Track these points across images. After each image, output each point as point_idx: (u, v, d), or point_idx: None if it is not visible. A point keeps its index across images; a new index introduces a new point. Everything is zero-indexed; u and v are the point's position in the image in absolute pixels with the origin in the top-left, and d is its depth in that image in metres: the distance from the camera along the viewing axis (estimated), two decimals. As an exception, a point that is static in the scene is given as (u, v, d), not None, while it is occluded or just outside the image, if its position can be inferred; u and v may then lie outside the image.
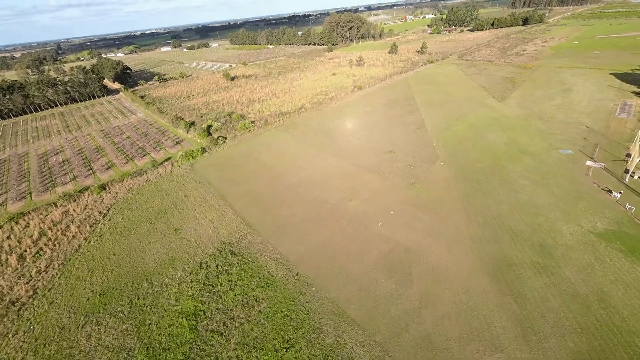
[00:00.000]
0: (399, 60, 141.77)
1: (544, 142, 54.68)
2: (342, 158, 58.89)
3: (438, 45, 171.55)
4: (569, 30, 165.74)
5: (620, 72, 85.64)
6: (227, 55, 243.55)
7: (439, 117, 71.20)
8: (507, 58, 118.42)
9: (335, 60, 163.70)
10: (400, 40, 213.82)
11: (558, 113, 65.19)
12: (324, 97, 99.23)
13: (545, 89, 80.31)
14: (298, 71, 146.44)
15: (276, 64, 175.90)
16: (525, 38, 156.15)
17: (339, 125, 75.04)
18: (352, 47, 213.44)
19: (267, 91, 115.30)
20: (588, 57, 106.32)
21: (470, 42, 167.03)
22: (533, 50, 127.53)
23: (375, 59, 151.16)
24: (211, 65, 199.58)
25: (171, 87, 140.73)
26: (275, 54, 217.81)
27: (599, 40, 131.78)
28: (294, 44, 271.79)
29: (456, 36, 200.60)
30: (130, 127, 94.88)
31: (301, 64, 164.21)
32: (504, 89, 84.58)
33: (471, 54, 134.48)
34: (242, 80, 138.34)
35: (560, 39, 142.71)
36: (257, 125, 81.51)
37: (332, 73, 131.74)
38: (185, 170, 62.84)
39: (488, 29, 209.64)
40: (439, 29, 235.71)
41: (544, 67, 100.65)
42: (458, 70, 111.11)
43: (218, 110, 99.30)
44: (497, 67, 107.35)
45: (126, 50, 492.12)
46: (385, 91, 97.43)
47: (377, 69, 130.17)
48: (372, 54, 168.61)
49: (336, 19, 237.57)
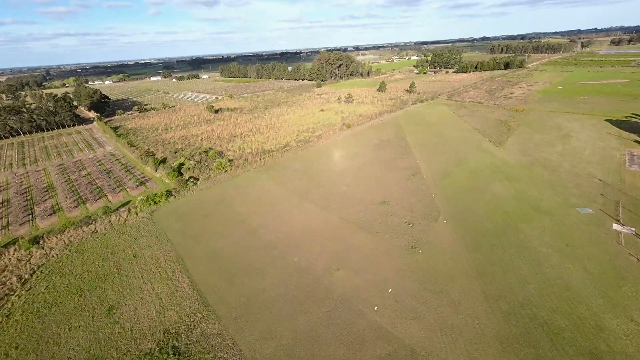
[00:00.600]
0: (388, 99, 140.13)
1: (557, 196, 48.28)
2: (328, 209, 50.61)
3: (426, 85, 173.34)
4: (550, 76, 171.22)
5: (615, 119, 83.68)
6: (215, 87, 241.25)
7: (436, 162, 65.03)
8: (496, 100, 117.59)
9: (324, 96, 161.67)
10: (388, 78, 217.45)
11: (563, 162, 60.04)
12: (310, 134, 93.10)
13: (542, 134, 76.51)
14: (285, 106, 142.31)
15: (264, 97, 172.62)
16: (510, 81, 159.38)
17: (325, 168, 67.69)
18: (341, 83, 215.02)
19: (250, 126, 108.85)
20: (577, 102, 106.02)
21: (457, 83, 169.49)
22: (520, 93, 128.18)
23: (364, 97, 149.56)
24: (197, 97, 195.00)
25: (150, 118, 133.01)
26: (264, 88, 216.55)
27: (582, 86, 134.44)
28: (283, 79, 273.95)
29: (442, 77, 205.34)
30: (94, 162, 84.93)
31: (289, 99, 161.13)
32: (500, 132, 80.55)
33: (460, 95, 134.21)
34: (226, 114, 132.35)
35: (544, 84, 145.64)
36: (236, 164, 73.31)
37: (320, 109, 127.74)
38: (142, 219, 52.89)
39: (472, 72, 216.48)
40: (425, 70, 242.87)
41: (535, 110, 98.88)
42: (448, 110, 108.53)
43: (195, 145, 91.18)
44: (488, 109, 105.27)
45: (115, 78, 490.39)
46: (375, 130, 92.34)
47: (366, 106, 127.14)
48: (360, 91, 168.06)
49: (326, 57, 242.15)
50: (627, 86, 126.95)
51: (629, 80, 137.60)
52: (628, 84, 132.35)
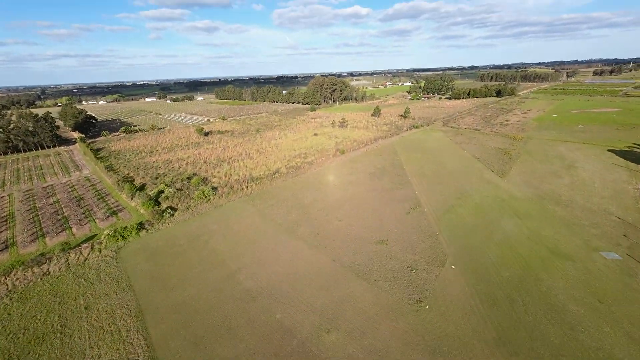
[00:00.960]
0: (382, 124, 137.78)
1: (575, 237, 43.13)
2: (319, 249, 44.49)
3: (420, 110, 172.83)
4: (542, 104, 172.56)
5: (617, 149, 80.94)
6: (208, 109, 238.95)
7: (437, 194, 60.06)
8: (493, 127, 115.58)
9: (318, 120, 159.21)
10: (382, 103, 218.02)
11: (575, 196, 55.57)
12: (302, 160, 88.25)
13: (546, 164, 72.80)
14: (278, 129, 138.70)
15: (257, 120, 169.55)
16: (503, 108, 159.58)
17: (317, 198, 62.12)
18: (335, 107, 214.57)
19: (240, 150, 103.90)
20: (575, 131, 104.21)
21: (451, 110, 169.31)
22: (516, 120, 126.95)
23: (359, 121, 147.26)
24: (189, 118, 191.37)
25: (136, 140, 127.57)
26: (258, 111, 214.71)
27: (576, 115, 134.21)
28: (278, 102, 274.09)
29: (436, 103, 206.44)
30: (67, 187, 78.13)
31: (282, 122, 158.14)
32: (501, 161, 76.73)
33: (455, 121, 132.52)
34: (216, 137, 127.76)
35: (538, 111, 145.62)
36: (220, 193, 67.33)
37: (314, 133, 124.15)
38: (106, 258, 45.98)
39: (465, 98, 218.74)
40: (419, 96, 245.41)
41: (534, 139, 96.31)
42: (445, 137, 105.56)
43: (179, 170, 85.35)
44: (486, 137, 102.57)
45: (109, 98, 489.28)
46: (371, 157, 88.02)
47: (360, 131, 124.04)
48: (355, 115, 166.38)
49: (320, 82, 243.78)
50: (620, 115, 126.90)
51: (621, 110, 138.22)
52: (621, 113, 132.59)
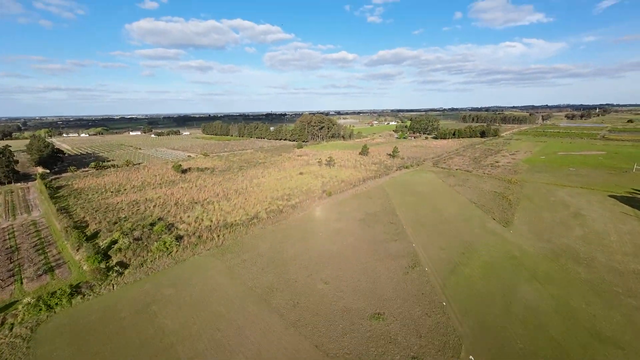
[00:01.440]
0: (371, 163, 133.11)
1: (613, 311, 35.26)
2: (298, 328, 34.73)
3: (408, 149, 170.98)
4: (527, 145, 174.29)
5: (618, 194, 76.85)
6: (192, 144, 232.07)
7: (436, 248, 52.16)
8: (484, 169, 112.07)
9: (304, 157, 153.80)
10: (369, 142, 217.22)
11: (594, 252, 48.74)
12: (285, 203, 79.91)
13: (550, 212, 67.01)
14: (262, 167, 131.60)
15: (241, 157, 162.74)
16: (491, 149, 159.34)
17: (299, 251, 53.02)
18: (323, 145, 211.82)
19: (218, 190, 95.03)
20: (568, 174, 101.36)
21: (439, 149, 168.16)
22: (506, 162, 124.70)
23: (346, 160, 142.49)
24: (170, 154, 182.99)
25: (106, 177, 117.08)
26: (244, 147, 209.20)
27: (563, 157, 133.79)
28: (265, 138, 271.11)
29: (423, 142, 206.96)
30: (5, 233, 66.23)
31: (267, 159, 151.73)
32: (501, 207, 70.64)
33: (445, 162, 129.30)
34: (195, 174, 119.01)
35: (525, 153, 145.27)
36: (185, 243, 57.32)
37: (299, 172, 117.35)
38: (16, 339, 34.68)
39: (450, 138, 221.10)
40: (405, 135, 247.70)
41: (529, 182, 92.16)
42: (437, 179, 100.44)
43: (144, 214, 75.18)
44: (479, 179, 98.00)
45: (92, 131, 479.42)
46: (361, 200, 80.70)
47: (348, 170, 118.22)
48: (342, 153, 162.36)
49: (308, 119, 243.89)
50: (607, 158, 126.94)
51: (606, 153, 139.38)
52: (607, 156, 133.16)
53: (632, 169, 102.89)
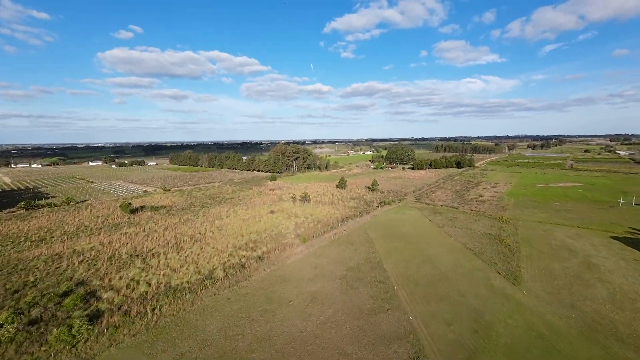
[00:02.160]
0: (349, 198, 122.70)
1: None
2: None
3: (387, 182, 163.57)
4: (504, 176, 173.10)
5: (620, 235, 70.35)
6: (154, 177, 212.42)
7: (442, 323, 40.17)
8: (470, 204, 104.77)
9: (277, 192, 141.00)
10: (346, 173, 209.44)
11: (635, 324, 38.82)
12: (249, 254, 65.83)
13: (558, 261, 58.08)
14: (229, 204, 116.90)
15: (206, 191, 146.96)
16: (470, 181, 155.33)
17: (260, 336, 38.87)
18: (298, 177, 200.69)
19: (170, 236, 79.22)
20: (557, 209, 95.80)
21: (418, 181, 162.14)
22: (489, 195, 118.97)
23: (323, 194, 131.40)
24: (125, 188, 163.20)
25: (34, 220, 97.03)
26: (212, 179, 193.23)
27: (544, 189, 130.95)
28: (237, 169, 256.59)
29: (400, 173, 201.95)
30: None
31: (236, 194, 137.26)
32: (502, 255, 61.02)
33: (427, 196, 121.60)
34: (146, 215, 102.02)
35: (505, 185, 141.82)
36: (104, 324, 41.37)
37: (270, 210, 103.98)
38: None
39: (427, 169, 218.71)
40: (382, 165, 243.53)
41: (521, 220, 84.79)
42: (423, 217, 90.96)
43: (63, 275, 57.96)
44: (468, 217, 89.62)
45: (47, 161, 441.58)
46: (340, 248, 68.36)
47: (325, 208, 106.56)
48: (318, 187, 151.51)
49: (282, 149, 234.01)
50: (586, 190, 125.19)
51: (583, 184, 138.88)
52: (585, 187, 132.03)
53: (617, 204, 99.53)
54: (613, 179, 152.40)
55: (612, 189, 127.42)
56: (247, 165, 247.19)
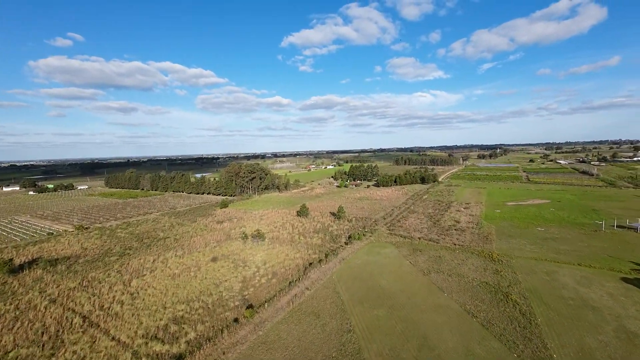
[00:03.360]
0: (312, 231, 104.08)
1: None
2: None
3: (353, 204, 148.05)
4: (471, 193, 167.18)
5: (631, 276, 59.94)
6: (75, 208, 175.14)
7: None
8: (450, 235, 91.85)
9: (226, 225, 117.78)
10: (308, 194, 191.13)
11: None
12: (167, 349, 43.49)
13: (588, 331, 44.41)
14: (160, 248, 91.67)
15: (136, 228, 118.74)
16: (440, 201, 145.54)
17: None
18: (253, 200, 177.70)
19: (51, 319, 53.49)
20: (544, 238, 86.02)
21: (386, 202, 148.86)
22: (466, 220, 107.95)
23: (281, 226, 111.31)
24: (28, 227, 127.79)
25: None
26: (149, 207, 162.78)
27: (516, 209, 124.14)
28: (184, 192, 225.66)
29: (366, 192, 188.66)
30: None
31: (173, 232, 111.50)
32: (515, 325, 46.09)
33: (400, 223, 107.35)
34: (34, 275, 73.58)
35: (477, 205, 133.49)
36: None
37: (212, 257, 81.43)
38: None
39: (392, 186, 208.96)
40: (346, 183, 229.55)
41: (514, 258, 72.56)
42: (403, 259, 75.14)
43: None
44: (452, 255, 75.62)
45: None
46: (302, 328, 48.79)
47: (283, 249, 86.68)
48: (276, 215, 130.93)
49: (236, 169, 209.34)
50: (558, 209, 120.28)
51: (550, 201, 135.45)
52: (554, 205, 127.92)
53: (599, 227, 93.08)
54: (574, 193, 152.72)
55: (580, 205, 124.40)
56: (196, 187, 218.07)
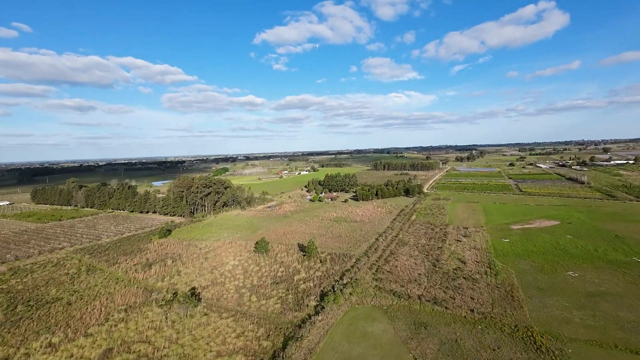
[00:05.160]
0: (271, 281, 74.83)
1: None
2: None
3: (327, 230, 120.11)
4: (464, 210, 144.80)
5: None
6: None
7: None
8: (460, 290, 66.17)
9: (154, 272, 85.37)
10: (275, 213, 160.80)
11: None
12: None
13: None
14: (34, 325, 58.40)
15: (21, 279, 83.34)
16: (432, 225, 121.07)
17: None
18: (207, 223, 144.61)
19: None
20: (589, 294, 62.36)
21: (367, 227, 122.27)
22: (473, 260, 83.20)
23: (229, 273, 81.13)
24: None
25: None
26: (64, 238, 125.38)
27: (525, 236, 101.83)
28: (125, 209, 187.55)
29: (343, 210, 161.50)
30: None
31: (74, 285, 77.75)
32: None
33: (389, 265, 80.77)
34: None
35: (476, 230, 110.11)
36: None
37: (104, 350, 49.77)
38: None
39: (373, 199, 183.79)
40: (320, 195, 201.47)
41: (568, 343, 47.80)
42: (404, 351, 47.74)
43: None
44: (475, 339, 49.55)
45: None
46: None
47: (221, 325, 56.80)
48: (227, 250, 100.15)
49: (187, 183, 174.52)
50: (575, 236, 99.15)
51: (560, 222, 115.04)
52: (565, 228, 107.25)
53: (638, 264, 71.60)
54: (579, 210, 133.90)
55: (597, 230, 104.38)
56: (140, 204, 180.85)
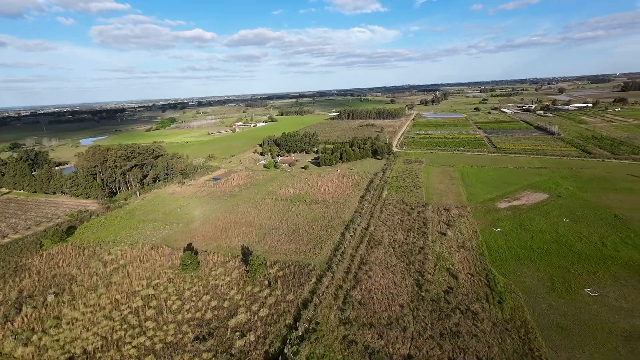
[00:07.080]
0: (194, 322, 50.55)
1: None
2: None
3: (281, 226, 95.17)
4: (441, 181, 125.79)
5: None
6: None
7: None
8: (459, 337, 47.09)
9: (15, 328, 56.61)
10: (219, 189, 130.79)
11: None
12: None
13: None
14: None
15: None
16: (407, 204, 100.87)
17: None
18: (127, 211, 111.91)
19: None
20: (625, 336, 46.34)
21: (331, 211, 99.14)
22: (465, 272, 64.54)
23: (134, 318, 55.17)
24: None
25: None
26: None
27: (518, 222, 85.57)
28: (24, 189, 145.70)
29: (302, 182, 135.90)
30: None
31: None
32: None
33: (360, 288, 59.68)
34: None
35: (463, 215, 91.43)
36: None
37: None
38: None
39: (336, 164, 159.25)
40: (275, 160, 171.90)
41: None
42: None
43: None
44: None
45: None
46: None
47: None
48: (141, 270, 72.40)
49: (101, 155, 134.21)
50: (573, 219, 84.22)
51: (549, 196, 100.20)
52: (559, 206, 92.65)
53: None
54: (563, 175, 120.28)
55: (593, 207, 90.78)
56: (42, 183, 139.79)
